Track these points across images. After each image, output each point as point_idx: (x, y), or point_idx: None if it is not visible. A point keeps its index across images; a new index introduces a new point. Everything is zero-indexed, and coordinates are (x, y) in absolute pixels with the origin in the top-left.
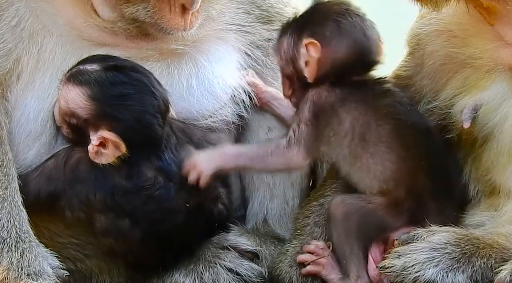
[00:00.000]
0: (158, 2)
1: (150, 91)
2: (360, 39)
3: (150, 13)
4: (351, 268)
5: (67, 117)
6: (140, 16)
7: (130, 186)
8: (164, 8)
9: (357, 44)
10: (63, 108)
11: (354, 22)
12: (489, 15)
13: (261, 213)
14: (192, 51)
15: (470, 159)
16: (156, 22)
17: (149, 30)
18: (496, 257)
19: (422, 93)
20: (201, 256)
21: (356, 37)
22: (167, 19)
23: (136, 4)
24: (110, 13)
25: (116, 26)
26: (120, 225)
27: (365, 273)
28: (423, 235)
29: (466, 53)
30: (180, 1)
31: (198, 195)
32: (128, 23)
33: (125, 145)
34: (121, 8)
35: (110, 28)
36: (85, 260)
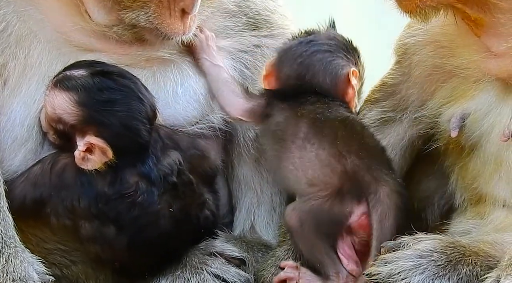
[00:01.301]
0: (158, 7)
1: (137, 97)
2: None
3: (151, 18)
4: (328, 268)
5: (54, 123)
6: (140, 21)
7: (112, 193)
8: (164, 13)
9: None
10: (49, 114)
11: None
12: (476, 27)
13: (249, 219)
14: (178, 59)
15: (457, 168)
16: (156, 27)
17: (146, 35)
18: (482, 264)
19: (408, 101)
20: (188, 262)
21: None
22: (167, 24)
23: (137, 9)
24: (106, 17)
25: (111, 31)
26: (105, 231)
27: (342, 268)
28: (409, 242)
29: (453, 64)
30: (180, 6)
31: (184, 201)
32: (126, 29)
33: (111, 150)
34: (121, 14)
35: (102, 32)
36: (71, 266)
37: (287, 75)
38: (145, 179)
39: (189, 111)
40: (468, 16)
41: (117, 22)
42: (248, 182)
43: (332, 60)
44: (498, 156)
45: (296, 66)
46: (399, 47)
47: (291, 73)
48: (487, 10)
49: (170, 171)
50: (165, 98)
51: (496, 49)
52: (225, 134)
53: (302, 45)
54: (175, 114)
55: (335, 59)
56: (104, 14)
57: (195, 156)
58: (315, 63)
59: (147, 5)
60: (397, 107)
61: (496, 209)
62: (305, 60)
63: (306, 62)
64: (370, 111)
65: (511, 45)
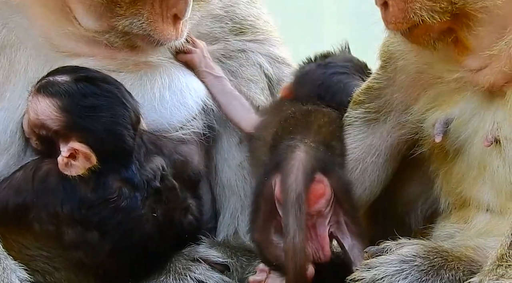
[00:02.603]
0: (151, 14)
1: (121, 103)
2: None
3: (144, 25)
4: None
5: (37, 129)
6: (133, 29)
7: (95, 198)
8: (157, 19)
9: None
10: (32, 119)
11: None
12: (462, 51)
13: (232, 224)
14: (167, 63)
15: (442, 172)
16: (149, 34)
17: (139, 42)
18: (464, 269)
19: (393, 105)
20: (171, 268)
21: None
22: (160, 30)
23: (130, 17)
24: (97, 24)
25: (102, 37)
26: (89, 237)
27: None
28: (393, 248)
29: (436, 73)
30: (172, 11)
31: (167, 206)
32: (117, 36)
33: (95, 156)
34: (113, 21)
35: (91, 37)
36: (54, 272)
37: (307, 96)
38: (128, 184)
39: (174, 116)
40: (457, 40)
41: (108, 29)
42: (232, 187)
43: (349, 81)
44: (482, 161)
45: (316, 88)
46: (384, 53)
47: (310, 95)
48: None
49: (154, 176)
50: (151, 102)
51: (476, 66)
52: (208, 139)
53: (321, 67)
54: (160, 119)
55: (352, 80)
56: (94, 21)
57: (179, 161)
58: (333, 85)
59: (139, 12)
60: (382, 109)
61: (479, 213)
62: (324, 82)
63: (326, 84)
64: (355, 110)
65: (490, 56)
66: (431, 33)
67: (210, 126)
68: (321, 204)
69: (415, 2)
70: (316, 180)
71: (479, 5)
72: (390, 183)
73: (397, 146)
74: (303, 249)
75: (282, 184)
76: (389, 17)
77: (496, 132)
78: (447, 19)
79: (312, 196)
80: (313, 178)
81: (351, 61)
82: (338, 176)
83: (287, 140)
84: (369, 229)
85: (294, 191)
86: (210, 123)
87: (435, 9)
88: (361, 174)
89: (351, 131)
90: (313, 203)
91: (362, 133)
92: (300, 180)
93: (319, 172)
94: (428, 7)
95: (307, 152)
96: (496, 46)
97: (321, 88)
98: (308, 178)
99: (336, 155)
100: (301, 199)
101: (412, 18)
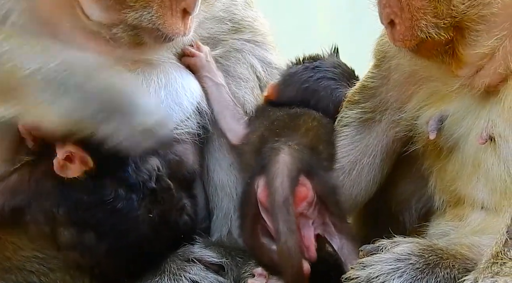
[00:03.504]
0: (160, 7)
1: None
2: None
3: (153, 18)
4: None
5: (32, 131)
6: (143, 22)
7: (91, 200)
8: (166, 13)
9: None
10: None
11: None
12: (456, 62)
13: (226, 224)
14: (165, 63)
15: (436, 170)
16: (157, 28)
17: (146, 38)
18: (459, 267)
19: (388, 103)
20: (166, 269)
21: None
22: (169, 24)
23: (140, 9)
24: (106, 17)
25: (109, 32)
26: (85, 238)
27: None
28: (388, 246)
29: (431, 72)
30: (181, 6)
31: (163, 206)
32: (125, 30)
33: (91, 160)
34: (123, 14)
35: (92, 30)
36: (49, 273)
37: (290, 98)
38: (124, 186)
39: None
40: (453, 51)
41: (117, 22)
42: (224, 187)
43: (337, 88)
44: (476, 158)
45: (301, 91)
46: (378, 51)
47: (295, 97)
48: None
49: (149, 177)
50: None
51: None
52: (202, 140)
53: (308, 70)
54: None
55: (339, 87)
56: (103, 13)
57: (174, 161)
58: (321, 90)
59: (149, 4)
60: (377, 108)
61: (474, 211)
62: (310, 86)
63: (312, 87)
64: (351, 110)
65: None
66: (438, 47)
67: (203, 127)
68: (303, 206)
69: (421, 20)
70: (299, 183)
71: (477, 15)
72: (384, 181)
73: (392, 145)
74: (298, 252)
75: (268, 187)
76: (397, 35)
77: (491, 130)
78: (451, 34)
79: (295, 198)
80: (297, 181)
81: (339, 67)
82: (322, 179)
83: (272, 143)
84: (364, 228)
85: (280, 195)
86: (204, 124)
87: (440, 25)
88: (358, 175)
89: (348, 133)
90: (296, 205)
91: (359, 134)
92: (286, 183)
93: (303, 174)
94: (433, 24)
95: (292, 155)
96: (489, 45)
97: (307, 91)
98: (293, 181)
99: (322, 158)
100: (288, 202)
101: (419, 35)
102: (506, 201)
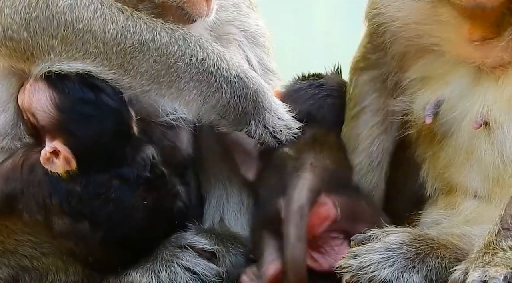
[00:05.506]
0: None
1: (115, 118)
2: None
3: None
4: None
5: (27, 114)
6: (169, 0)
7: (85, 191)
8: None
9: None
10: (26, 104)
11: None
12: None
13: (218, 212)
14: None
15: (429, 156)
16: (182, 7)
17: (169, 17)
18: (450, 257)
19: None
20: (158, 255)
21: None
22: (193, 4)
23: None
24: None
25: (139, 6)
26: (79, 227)
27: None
28: (379, 235)
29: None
30: None
31: (158, 194)
32: (150, 7)
33: (77, 160)
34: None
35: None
36: (42, 257)
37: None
38: (118, 177)
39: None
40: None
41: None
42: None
43: (341, 106)
44: (470, 145)
45: (307, 106)
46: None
47: (301, 112)
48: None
49: (144, 167)
50: None
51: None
52: (195, 126)
53: (313, 87)
54: (153, 103)
55: (343, 105)
56: None
57: (167, 147)
58: (326, 107)
59: None
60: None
61: (467, 199)
62: (316, 102)
63: (318, 104)
64: (361, 76)
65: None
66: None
67: None
68: (326, 225)
69: None
70: (320, 202)
71: None
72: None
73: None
74: (303, 260)
75: (286, 198)
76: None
77: (486, 115)
78: None
79: (316, 219)
80: (317, 195)
81: (344, 87)
82: (344, 196)
83: (293, 161)
84: None
85: (296, 202)
86: None
87: None
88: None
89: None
90: (318, 226)
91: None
92: (304, 194)
93: (323, 193)
94: None
95: (314, 172)
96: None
97: (313, 107)
98: (312, 194)
99: (343, 175)
100: (303, 210)
101: None
102: (499, 189)
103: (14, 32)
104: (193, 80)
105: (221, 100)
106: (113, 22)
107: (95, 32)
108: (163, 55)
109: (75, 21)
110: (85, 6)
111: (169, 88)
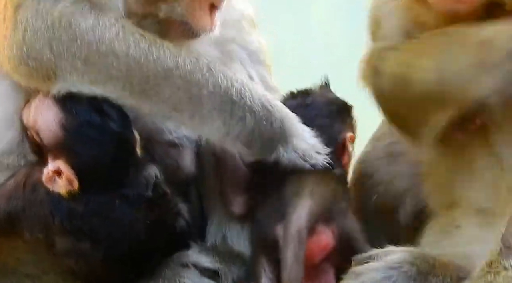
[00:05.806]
0: (191, 1)
1: (119, 145)
2: None
3: (184, 11)
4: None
5: (31, 132)
6: (174, 15)
7: (86, 211)
8: (195, 7)
9: None
10: (31, 121)
11: None
12: None
13: (220, 230)
14: None
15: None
16: (186, 22)
17: (173, 32)
18: (452, 275)
19: None
20: (161, 274)
21: None
22: (198, 18)
23: (171, 1)
24: (142, 6)
25: (142, 22)
26: (81, 246)
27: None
28: (379, 254)
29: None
30: (209, 0)
31: (160, 212)
32: (152, 23)
33: (80, 180)
34: (157, 6)
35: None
36: (43, 276)
37: None
38: (120, 196)
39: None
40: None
41: (149, 12)
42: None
43: (331, 126)
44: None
45: None
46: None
47: None
48: None
49: (146, 185)
50: None
51: None
52: (198, 145)
53: (302, 108)
54: (154, 121)
55: (333, 125)
56: (136, 5)
57: (170, 166)
58: (316, 128)
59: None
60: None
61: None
62: (305, 124)
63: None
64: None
65: None
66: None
67: None
68: (323, 254)
69: None
70: (319, 231)
71: None
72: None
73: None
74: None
75: (285, 222)
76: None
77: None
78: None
79: (315, 247)
80: (315, 227)
81: (333, 104)
82: (341, 225)
83: (293, 186)
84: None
85: (295, 226)
86: None
87: None
88: None
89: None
90: (317, 255)
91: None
92: (304, 218)
93: (321, 222)
94: None
95: (313, 199)
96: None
97: None
98: (312, 218)
99: (341, 205)
100: (301, 234)
101: None
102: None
103: (38, 51)
104: (216, 110)
105: (245, 129)
106: (136, 45)
107: (118, 54)
108: (186, 82)
109: (98, 41)
110: (107, 27)
111: (192, 117)
